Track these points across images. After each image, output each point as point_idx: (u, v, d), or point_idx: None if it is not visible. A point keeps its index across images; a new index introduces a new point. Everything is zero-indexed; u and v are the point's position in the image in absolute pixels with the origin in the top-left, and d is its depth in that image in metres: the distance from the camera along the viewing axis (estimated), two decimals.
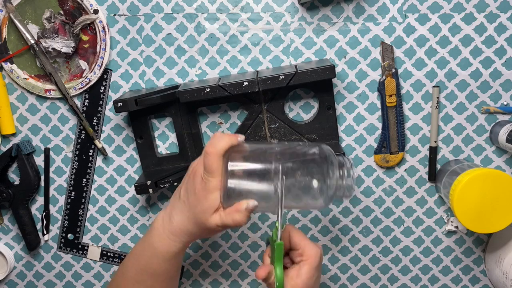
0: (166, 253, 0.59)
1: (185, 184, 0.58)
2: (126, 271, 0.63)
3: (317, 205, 0.54)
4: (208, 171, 0.53)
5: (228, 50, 0.72)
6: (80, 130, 0.75)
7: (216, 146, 0.53)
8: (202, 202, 0.54)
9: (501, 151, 0.73)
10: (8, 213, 0.79)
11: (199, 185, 0.54)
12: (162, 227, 0.59)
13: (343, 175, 0.54)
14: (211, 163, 0.53)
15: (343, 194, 0.55)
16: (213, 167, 0.53)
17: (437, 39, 0.70)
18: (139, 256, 0.61)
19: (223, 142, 0.54)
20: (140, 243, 0.62)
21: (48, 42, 0.71)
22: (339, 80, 0.72)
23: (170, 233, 0.58)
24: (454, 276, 0.78)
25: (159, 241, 0.59)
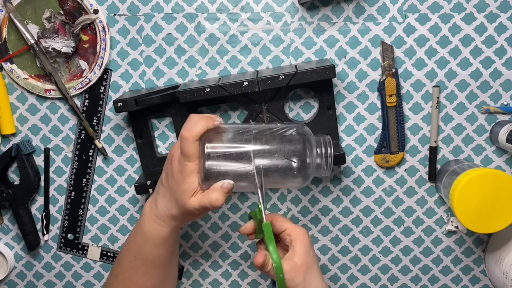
0: (155, 238, 0.60)
1: (165, 170, 0.59)
2: (122, 260, 0.64)
3: (296, 184, 0.55)
4: (185, 155, 0.54)
5: (228, 50, 0.72)
6: (80, 130, 0.75)
7: (192, 130, 0.54)
8: (181, 185, 0.55)
9: (501, 151, 0.73)
10: (8, 213, 0.79)
11: (177, 169, 0.55)
12: (149, 213, 0.60)
13: (320, 153, 0.54)
14: (187, 148, 0.54)
15: (321, 173, 0.55)
16: (189, 151, 0.54)
17: (437, 39, 0.70)
18: (132, 243, 0.63)
19: (199, 125, 0.54)
20: (133, 231, 0.64)
21: (48, 42, 0.71)
22: (339, 80, 0.72)
23: (156, 218, 0.59)
24: (454, 276, 0.78)
25: (148, 226, 0.60)
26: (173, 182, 0.57)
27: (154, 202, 0.60)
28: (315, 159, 0.54)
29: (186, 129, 0.54)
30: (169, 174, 0.58)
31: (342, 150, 0.68)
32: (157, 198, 0.60)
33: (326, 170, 0.55)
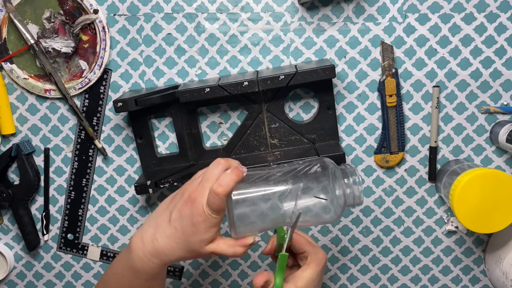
0: (148, 274, 0.56)
1: (179, 211, 0.54)
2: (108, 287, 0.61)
3: (329, 219, 0.54)
4: (215, 210, 0.52)
5: (228, 50, 0.72)
6: (80, 130, 0.75)
7: (224, 186, 0.51)
8: (202, 234, 0.52)
9: (501, 151, 0.73)
10: (8, 213, 0.79)
11: (200, 218, 0.52)
12: (142, 250, 0.55)
13: (348, 183, 0.53)
14: (219, 203, 0.51)
15: (354, 202, 0.54)
16: (221, 206, 0.52)
17: (437, 39, 0.70)
18: (120, 276, 0.59)
19: (231, 181, 0.51)
20: (120, 263, 0.59)
21: (48, 42, 0.71)
22: (339, 80, 0.72)
23: (151, 256, 0.55)
24: (454, 276, 0.78)
25: (140, 263, 0.56)
26: (190, 228, 0.53)
27: (150, 239, 0.55)
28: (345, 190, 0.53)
29: (218, 184, 0.51)
30: (185, 218, 0.53)
31: (342, 150, 0.68)
32: (156, 236, 0.55)
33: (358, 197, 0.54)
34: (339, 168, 0.55)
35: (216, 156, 0.74)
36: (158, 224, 0.55)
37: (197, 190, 0.53)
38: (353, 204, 0.54)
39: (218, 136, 0.75)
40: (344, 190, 0.53)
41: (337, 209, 0.53)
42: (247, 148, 0.73)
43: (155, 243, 0.55)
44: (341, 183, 0.53)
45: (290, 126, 0.72)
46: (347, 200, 0.54)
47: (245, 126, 0.73)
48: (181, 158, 0.74)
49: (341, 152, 0.67)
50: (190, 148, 0.74)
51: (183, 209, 0.53)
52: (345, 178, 0.54)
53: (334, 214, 0.53)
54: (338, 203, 0.53)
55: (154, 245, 0.55)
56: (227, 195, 0.51)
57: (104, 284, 0.62)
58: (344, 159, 0.67)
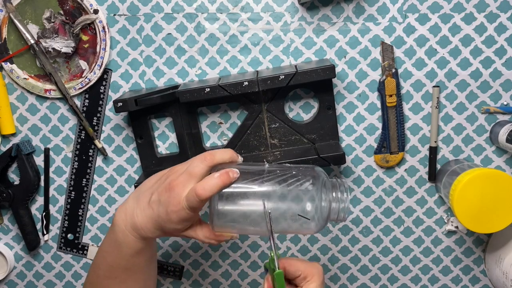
0: (131, 249, 0.57)
1: (159, 195, 0.54)
2: (97, 269, 0.61)
3: (310, 230, 0.53)
4: (192, 208, 0.52)
5: (228, 50, 0.72)
6: (80, 130, 0.75)
7: (208, 189, 0.51)
8: (174, 224, 0.53)
9: (501, 151, 0.73)
10: (8, 213, 0.79)
11: (175, 208, 0.52)
12: (124, 223, 0.56)
13: (336, 197, 0.52)
14: (196, 204, 0.51)
15: (337, 217, 0.53)
16: (197, 207, 0.52)
17: (437, 39, 0.70)
18: (106, 253, 0.59)
19: (215, 185, 0.51)
20: (106, 239, 0.60)
21: (48, 42, 0.71)
22: (339, 80, 0.72)
23: (132, 230, 0.56)
24: (454, 276, 0.78)
25: (122, 237, 0.56)
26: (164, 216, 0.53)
27: (131, 213, 0.56)
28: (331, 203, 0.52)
29: (202, 187, 0.51)
30: (162, 203, 0.53)
31: (342, 150, 0.68)
32: (136, 211, 0.55)
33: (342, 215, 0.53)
34: (330, 181, 0.54)
35: None
36: (140, 201, 0.56)
37: (178, 180, 0.53)
38: (336, 220, 0.53)
39: (218, 136, 0.75)
40: (330, 204, 0.52)
41: (319, 221, 0.52)
42: (247, 148, 0.73)
43: (134, 217, 0.55)
44: (329, 196, 0.52)
45: (290, 126, 0.72)
46: (331, 214, 0.53)
47: (245, 126, 0.73)
48: (181, 158, 0.74)
49: (341, 152, 0.67)
50: (190, 148, 0.74)
51: (162, 194, 0.53)
52: (333, 192, 0.53)
53: (315, 226, 0.52)
54: (321, 215, 0.52)
55: (134, 220, 0.55)
56: (207, 199, 0.51)
57: (93, 266, 0.62)
58: (344, 159, 0.67)
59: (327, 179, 0.54)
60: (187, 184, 0.52)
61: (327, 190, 0.53)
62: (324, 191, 0.53)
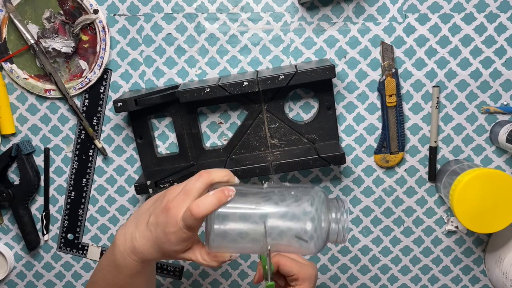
0: (130, 271, 0.56)
1: (156, 217, 0.53)
2: (95, 285, 0.61)
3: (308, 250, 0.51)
4: (189, 228, 0.51)
5: (228, 50, 0.72)
6: (80, 130, 0.75)
7: (202, 208, 0.49)
8: (173, 245, 0.52)
9: (501, 151, 0.73)
10: (8, 213, 0.79)
11: (172, 229, 0.51)
12: (123, 246, 0.55)
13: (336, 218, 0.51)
14: (192, 223, 0.50)
15: (337, 239, 0.52)
16: (194, 226, 0.50)
17: (437, 39, 0.70)
18: (106, 271, 0.59)
19: (211, 203, 0.50)
20: (105, 258, 0.59)
21: (48, 42, 0.71)
22: (339, 80, 0.72)
23: (131, 253, 0.55)
24: (454, 276, 0.78)
25: (121, 258, 0.56)
26: (162, 237, 0.52)
27: (130, 236, 0.55)
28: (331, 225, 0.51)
29: (197, 205, 0.49)
30: (159, 225, 0.52)
31: (342, 150, 0.68)
32: (135, 234, 0.55)
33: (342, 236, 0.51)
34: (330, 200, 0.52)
35: (216, 156, 0.74)
36: (139, 223, 0.55)
37: (174, 200, 0.52)
38: (335, 241, 0.52)
39: (218, 136, 0.75)
40: (329, 224, 0.51)
41: (318, 242, 0.51)
42: (247, 148, 0.73)
43: (134, 241, 0.55)
44: (328, 216, 0.51)
45: (290, 126, 0.72)
46: (331, 235, 0.51)
47: (245, 126, 0.73)
48: (181, 158, 0.74)
49: (341, 152, 0.67)
50: (190, 148, 0.74)
51: (159, 216, 0.52)
52: (333, 212, 0.51)
53: (314, 247, 0.51)
54: (321, 235, 0.51)
55: (133, 243, 0.55)
56: (202, 218, 0.50)
57: (92, 281, 0.62)
58: (344, 159, 0.67)
59: (326, 199, 0.52)
60: (183, 204, 0.51)
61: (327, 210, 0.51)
62: (324, 211, 0.51)
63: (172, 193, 0.54)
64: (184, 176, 0.70)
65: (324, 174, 0.75)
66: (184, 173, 0.71)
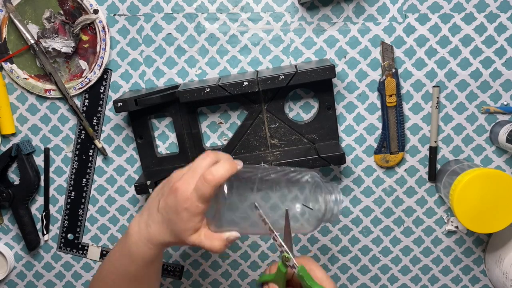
0: (144, 259, 0.57)
1: (165, 199, 0.54)
2: (105, 277, 0.61)
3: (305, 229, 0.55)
4: (202, 198, 0.52)
5: (228, 50, 0.72)
6: (80, 130, 0.75)
7: (216, 175, 0.51)
8: (185, 223, 0.53)
9: (501, 151, 0.73)
10: (8, 213, 0.79)
11: (184, 206, 0.52)
12: (138, 234, 0.57)
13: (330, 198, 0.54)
14: (208, 192, 0.51)
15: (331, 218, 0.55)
16: (209, 195, 0.51)
17: (437, 39, 0.70)
18: (117, 262, 0.60)
19: (224, 171, 0.51)
20: (117, 249, 0.60)
21: (48, 42, 0.71)
22: (339, 80, 0.72)
23: (146, 240, 0.56)
24: (454, 276, 0.78)
25: (136, 247, 0.57)
26: (175, 217, 0.53)
27: (144, 224, 0.57)
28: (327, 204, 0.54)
29: (210, 172, 0.51)
30: (170, 207, 0.54)
31: (342, 150, 0.68)
32: (149, 222, 0.56)
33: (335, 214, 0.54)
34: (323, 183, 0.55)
35: None
36: (150, 211, 0.57)
37: (181, 180, 0.53)
38: (329, 220, 0.55)
39: (218, 136, 0.75)
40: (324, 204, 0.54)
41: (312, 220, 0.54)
42: (247, 148, 0.73)
43: (148, 228, 0.56)
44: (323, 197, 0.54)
45: (290, 126, 0.72)
46: (326, 214, 0.54)
47: (245, 126, 0.73)
48: (181, 158, 0.74)
49: (341, 152, 0.67)
50: (190, 148, 0.74)
51: (168, 198, 0.54)
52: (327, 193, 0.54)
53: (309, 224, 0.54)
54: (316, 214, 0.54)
55: (148, 230, 0.56)
56: (218, 184, 0.51)
57: (100, 276, 0.62)
58: (344, 159, 0.67)
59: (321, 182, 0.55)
60: (191, 180, 0.53)
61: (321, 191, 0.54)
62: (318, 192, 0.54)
63: (178, 175, 0.55)
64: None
65: (324, 174, 0.75)
66: None
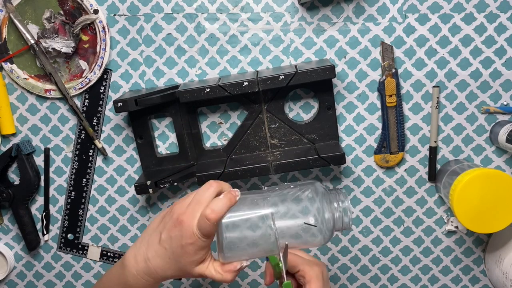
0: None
1: (169, 232, 0.53)
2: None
3: (317, 242, 0.54)
4: (205, 235, 0.52)
5: (228, 50, 0.72)
6: (80, 130, 0.75)
7: (217, 212, 0.51)
8: (191, 256, 0.53)
9: (501, 151, 0.73)
10: (8, 213, 0.79)
11: (189, 240, 0.52)
12: (135, 268, 0.55)
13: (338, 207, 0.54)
14: (209, 229, 0.51)
15: (343, 226, 0.54)
16: (211, 232, 0.52)
17: (437, 39, 0.70)
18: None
19: (223, 206, 0.52)
20: (112, 278, 0.59)
21: (48, 42, 0.71)
22: (339, 80, 0.72)
23: (144, 274, 0.55)
24: (454, 276, 0.78)
25: (133, 280, 0.56)
26: (179, 250, 0.53)
27: (142, 258, 0.55)
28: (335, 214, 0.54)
29: (211, 210, 0.51)
30: (174, 240, 0.53)
31: (342, 150, 0.68)
32: (148, 255, 0.55)
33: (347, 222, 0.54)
34: (329, 192, 0.55)
35: (216, 156, 0.74)
36: (150, 243, 0.56)
37: (187, 212, 0.53)
38: (341, 229, 0.54)
39: (218, 136, 0.75)
40: (333, 214, 0.53)
41: (325, 233, 0.53)
42: (247, 148, 0.73)
43: (147, 262, 0.55)
44: (331, 207, 0.53)
45: (290, 126, 0.72)
46: (336, 224, 0.54)
47: (245, 126, 0.73)
48: (181, 158, 0.74)
49: (341, 152, 0.67)
50: (190, 148, 0.74)
51: (172, 231, 0.53)
52: (335, 202, 0.54)
53: (323, 238, 0.53)
54: (326, 227, 0.53)
55: (147, 264, 0.55)
56: (218, 221, 0.51)
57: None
58: (344, 159, 0.67)
59: (326, 191, 0.55)
60: (196, 213, 0.52)
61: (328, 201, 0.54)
62: (325, 202, 0.53)
63: (180, 206, 0.54)
64: (184, 176, 0.70)
65: (324, 174, 0.75)
66: (184, 173, 0.71)
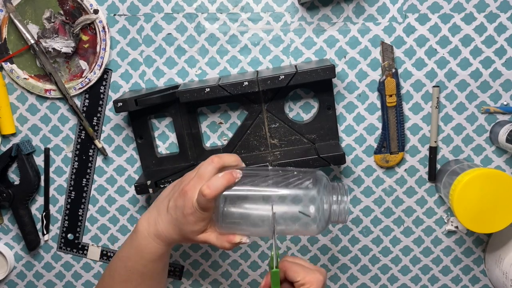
0: (152, 255, 0.61)
1: (175, 201, 0.58)
2: (114, 273, 0.64)
3: (311, 231, 0.55)
4: (202, 209, 0.55)
5: (228, 50, 0.72)
6: (80, 130, 0.75)
7: (212, 189, 0.53)
8: (191, 225, 0.57)
9: (501, 151, 0.73)
10: (8, 213, 0.79)
11: (190, 210, 0.55)
12: (147, 231, 0.60)
13: (337, 200, 0.54)
14: (206, 204, 0.54)
15: (338, 219, 0.55)
16: (208, 206, 0.55)
17: (437, 39, 0.70)
18: (126, 258, 0.62)
19: (220, 184, 0.54)
20: (126, 246, 0.63)
21: (48, 42, 0.71)
22: (339, 80, 0.72)
23: (155, 237, 0.60)
24: (454, 276, 0.78)
25: (144, 244, 0.60)
26: (182, 218, 0.57)
27: (153, 221, 0.60)
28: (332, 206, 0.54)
29: (207, 186, 0.53)
30: (178, 208, 0.57)
31: (342, 150, 0.68)
32: (158, 219, 0.60)
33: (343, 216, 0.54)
34: (331, 184, 0.55)
35: None
36: (160, 209, 0.60)
37: (190, 184, 0.56)
38: (337, 221, 0.55)
39: (218, 136, 0.75)
40: (330, 206, 0.54)
41: (321, 223, 0.54)
42: (247, 148, 0.73)
43: (157, 225, 0.60)
44: (330, 198, 0.54)
45: (290, 126, 0.72)
46: (332, 216, 0.55)
47: (245, 126, 0.73)
48: (181, 158, 0.74)
49: (341, 152, 0.67)
50: (190, 148, 0.74)
51: (177, 200, 0.57)
52: (334, 194, 0.55)
53: (316, 228, 0.54)
54: (323, 216, 0.54)
55: (156, 227, 0.60)
56: (214, 197, 0.54)
57: (109, 270, 0.64)
58: (344, 159, 0.67)
59: (328, 182, 0.55)
60: (197, 186, 0.55)
61: (328, 192, 0.55)
62: (325, 193, 0.54)
63: (188, 178, 0.59)
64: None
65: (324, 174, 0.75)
66: (184, 173, 0.71)
